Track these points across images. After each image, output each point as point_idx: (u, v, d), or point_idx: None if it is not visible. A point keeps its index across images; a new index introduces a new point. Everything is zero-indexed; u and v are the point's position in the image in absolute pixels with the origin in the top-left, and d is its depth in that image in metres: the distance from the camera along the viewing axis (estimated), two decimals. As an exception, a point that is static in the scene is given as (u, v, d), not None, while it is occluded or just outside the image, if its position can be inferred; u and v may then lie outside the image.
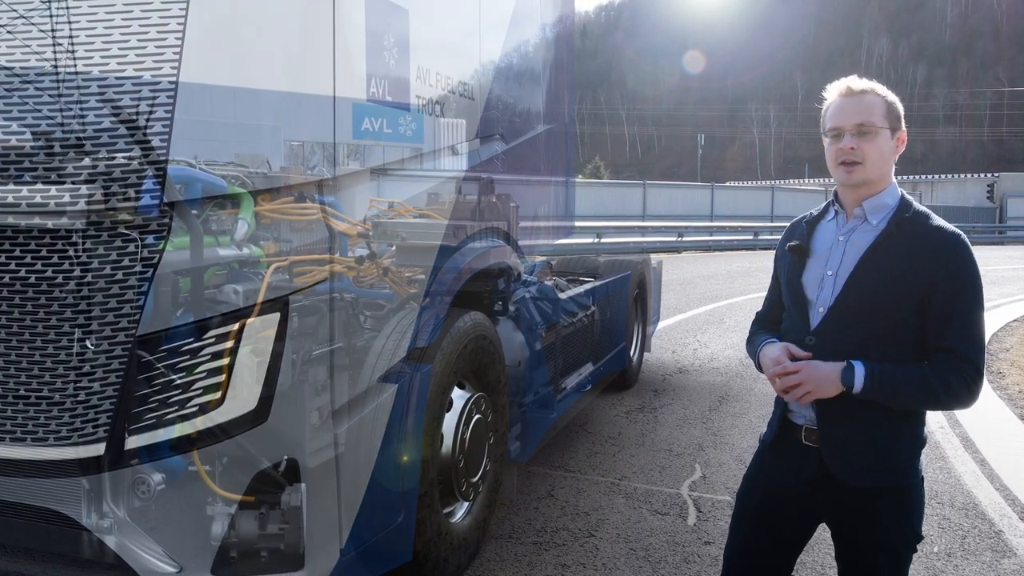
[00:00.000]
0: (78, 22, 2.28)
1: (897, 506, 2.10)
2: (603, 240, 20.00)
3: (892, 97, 2.10)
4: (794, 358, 2.10)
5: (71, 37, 2.29)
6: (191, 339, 2.41)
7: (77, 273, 2.35)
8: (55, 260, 2.37)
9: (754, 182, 63.01)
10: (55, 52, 2.42)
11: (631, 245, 20.89)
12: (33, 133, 2.35)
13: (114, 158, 2.35)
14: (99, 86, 2.32)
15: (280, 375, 2.50)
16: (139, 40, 2.30)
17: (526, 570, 3.67)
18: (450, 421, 3.39)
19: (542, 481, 4.80)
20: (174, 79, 2.30)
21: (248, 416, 2.43)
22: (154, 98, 2.29)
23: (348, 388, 2.77)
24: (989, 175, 45.10)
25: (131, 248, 2.36)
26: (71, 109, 2.35)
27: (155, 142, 2.32)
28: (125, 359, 2.37)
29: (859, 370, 2.00)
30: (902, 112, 2.12)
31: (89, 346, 2.39)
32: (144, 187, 2.36)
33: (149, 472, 2.54)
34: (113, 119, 2.33)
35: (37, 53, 2.33)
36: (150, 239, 2.38)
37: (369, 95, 3.16)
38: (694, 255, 23.65)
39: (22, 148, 2.35)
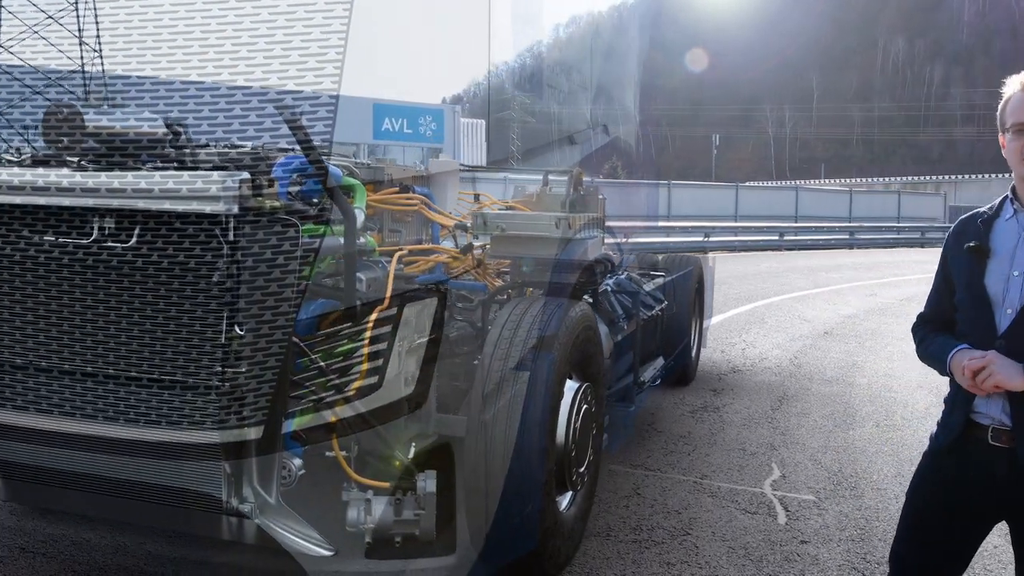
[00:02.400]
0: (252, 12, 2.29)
1: None
2: (629, 240, 19.94)
3: None
4: None
5: (239, 36, 2.30)
6: (348, 324, 2.41)
7: (238, 258, 2.35)
8: (214, 245, 2.38)
9: (769, 182, 62.71)
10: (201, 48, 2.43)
11: (657, 245, 20.81)
12: (198, 124, 2.36)
13: (275, 147, 2.36)
14: (263, 72, 2.33)
15: (432, 361, 2.50)
16: (304, 26, 2.31)
17: (632, 568, 3.65)
18: (563, 411, 3.38)
19: (625, 480, 4.79)
20: (338, 67, 2.30)
21: (405, 401, 2.44)
22: (318, 83, 2.30)
23: (490, 375, 2.77)
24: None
25: (291, 234, 2.37)
26: (233, 94, 2.36)
27: (318, 128, 2.32)
28: (284, 344, 2.37)
29: None
30: None
31: (239, 331, 2.40)
32: (305, 174, 2.37)
33: (290, 457, 2.56)
34: (276, 108, 2.34)
35: (201, 41, 2.34)
36: (309, 225, 2.39)
37: (518, 106, 3.21)
38: (721, 255, 23.57)
39: (187, 138, 2.37)
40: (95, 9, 2.70)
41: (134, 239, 2.43)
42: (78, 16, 2.70)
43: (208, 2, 2.33)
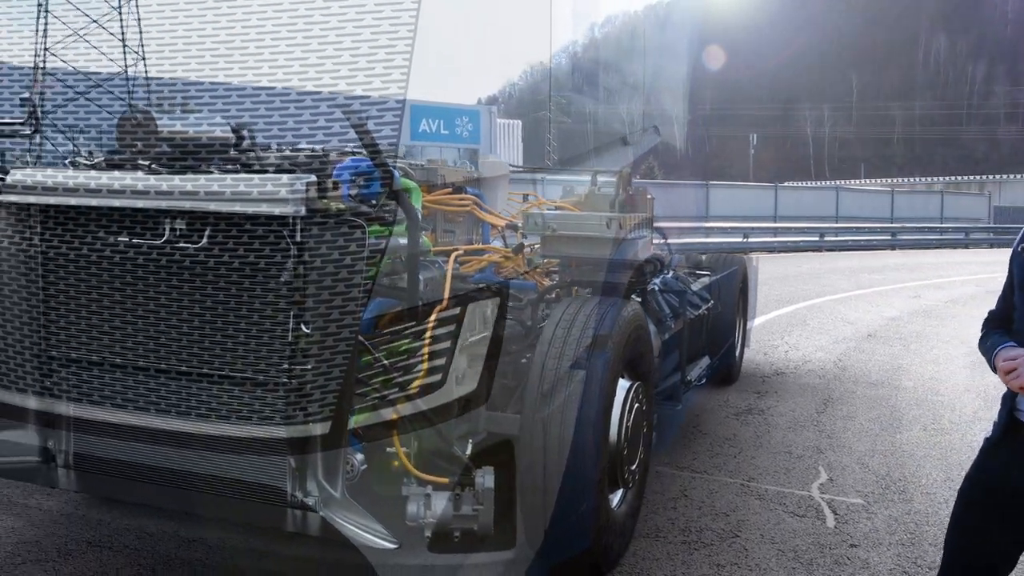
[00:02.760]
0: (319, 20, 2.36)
1: None
2: (671, 240, 19.82)
3: None
4: None
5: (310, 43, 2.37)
6: (413, 323, 2.47)
7: (306, 259, 2.42)
8: (283, 246, 2.45)
9: (809, 182, 61.82)
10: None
11: (698, 245, 20.65)
12: (268, 128, 2.44)
13: (341, 149, 2.42)
14: (332, 77, 2.39)
15: (492, 360, 2.55)
16: (372, 32, 2.37)
17: (682, 569, 3.66)
18: (616, 409, 3.41)
19: (672, 481, 4.79)
20: (405, 72, 2.36)
21: (467, 398, 2.49)
22: (385, 88, 2.36)
23: (544, 374, 2.81)
24: (1061, 174, 43.64)
25: (358, 235, 2.43)
26: (302, 100, 2.43)
27: (385, 132, 2.38)
28: (350, 342, 2.44)
29: None
30: None
31: (306, 330, 2.46)
32: (371, 176, 2.43)
33: (353, 452, 2.62)
34: (344, 112, 2.40)
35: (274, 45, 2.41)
36: (374, 227, 2.45)
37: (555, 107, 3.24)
38: (761, 256, 23.33)
39: (254, 142, 2.44)
40: (139, 15, 2.80)
41: (204, 240, 2.52)
42: (138, 22, 2.80)
43: (279, 9, 2.40)
